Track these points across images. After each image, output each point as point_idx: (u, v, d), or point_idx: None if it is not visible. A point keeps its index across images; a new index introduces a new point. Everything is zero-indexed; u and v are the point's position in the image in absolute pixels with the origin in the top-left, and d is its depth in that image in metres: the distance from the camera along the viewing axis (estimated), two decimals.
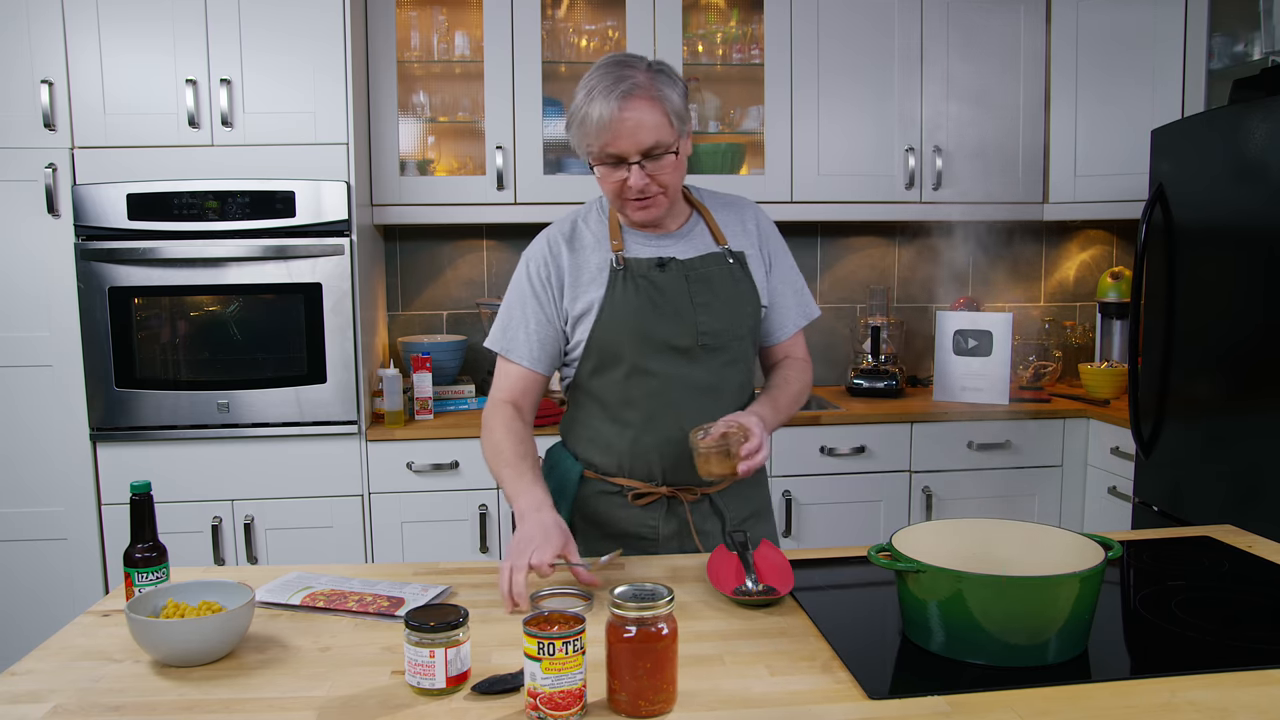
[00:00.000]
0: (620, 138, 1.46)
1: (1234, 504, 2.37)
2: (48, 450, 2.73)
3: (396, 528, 2.84)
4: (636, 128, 1.45)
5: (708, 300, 1.59)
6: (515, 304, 1.63)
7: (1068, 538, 1.29)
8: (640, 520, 1.64)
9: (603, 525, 1.66)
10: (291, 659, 1.20)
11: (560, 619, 1.03)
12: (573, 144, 1.53)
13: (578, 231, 1.64)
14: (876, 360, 3.33)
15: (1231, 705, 1.04)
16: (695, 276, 1.59)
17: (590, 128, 1.46)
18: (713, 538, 1.66)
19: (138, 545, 1.32)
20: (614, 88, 1.43)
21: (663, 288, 1.58)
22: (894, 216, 3.26)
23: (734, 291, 1.62)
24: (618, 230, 1.61)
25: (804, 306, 1.75)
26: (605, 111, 1.44)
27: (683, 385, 1.59)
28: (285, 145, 2.73)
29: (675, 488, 1.63)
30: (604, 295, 1.58)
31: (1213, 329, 2.47)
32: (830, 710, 1.05)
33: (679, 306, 1.58)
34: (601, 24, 3.22)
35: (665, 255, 1.60)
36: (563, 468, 1.69)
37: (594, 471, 1.66)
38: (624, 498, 1.64)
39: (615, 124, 1.44)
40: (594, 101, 1.45)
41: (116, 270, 2.68)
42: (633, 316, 1.57)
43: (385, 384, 2.88)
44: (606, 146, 1.47)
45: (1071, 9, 3.20)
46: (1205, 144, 2.48)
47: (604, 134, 1.45)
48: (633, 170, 1.48)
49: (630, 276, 1.57)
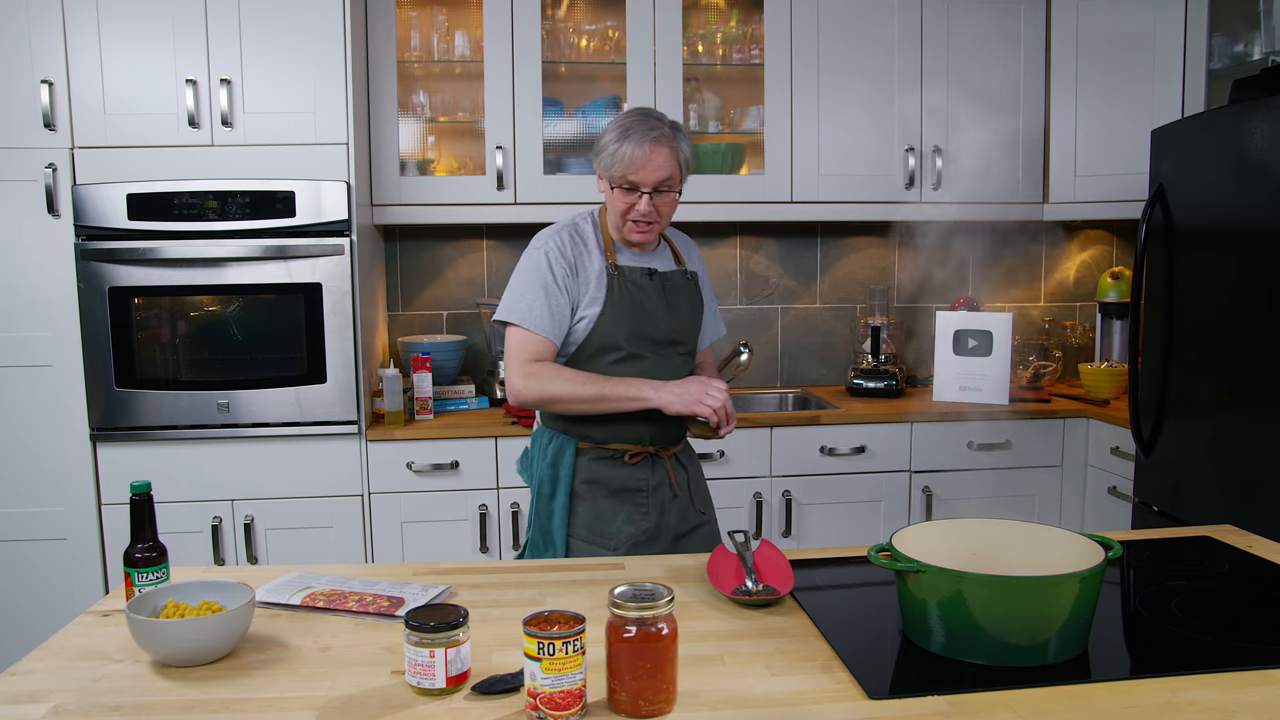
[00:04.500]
0: (642, 171, 1.82)
1: (1234, 504, 2.37)
2: (48, 450, 2.73)
3: (396, 528, 2.84)
4: (657, 166, 1.82)
5: (677, 305, 1.97)
6: (535, 286, 1.87)
7: (1068, 538, 1.29)
8: (633, 475, 1.93)
9: (602, 484, 1.92)
10: (291, 659, 1.20)
11: (560, 619, 1.04)
12: (600, 168, 1.87)
13: (583, 235, 1.94)
14: (876, 360, 3.33)
15: (1231, 705, 1.04)
16: (670, 286, 1.97)
17: (622, 159, 1.82)
18: (684, 485, 2.01)
19: (138, 545, 1.32)
20: (647, 134, 1.81)
21: (649, 293, 1.93)
22: (894, 216, 3.25)
23: (691, 300, 2.01)
24: (611, 244, 1.95)
25: (717, 326, 2.17)
26: (638, 151, 1.81)
27: (660, 368, 1.93)
28: (285, 145, 2.73)
29: (658, 447, 1.95)
30: (605, 295, 1.89)
31: (1213, 329, 2.47)
32: (830, 710, 1.05)
33: (659, 309, 1.93)
34: (601, 24, 3.22)
35: (649, 267, 1.96)
36: (556, 444, 1.93)
37: (588, 442, 1.92)
38: (618, 460, 1.92)
39: (642, 161, 1.81)
40: (628, 141, 1.81)
41: (116, 270, 2.68)
42: (628, 314, 1.90)
43: (385, 384, 2.88)
44: (629, 176, 1.82)
45: (1071, 9, 3.19)
46: (1205, 144, 2.48)
47: (631, 167, 1.82)
48: (643, 199, 1.84)
49: (625, 281, 1.91)
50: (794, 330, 3.58)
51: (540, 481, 1.95)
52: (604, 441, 1.93)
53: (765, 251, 3.53)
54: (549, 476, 1.92)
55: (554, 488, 1.92)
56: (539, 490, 1.95)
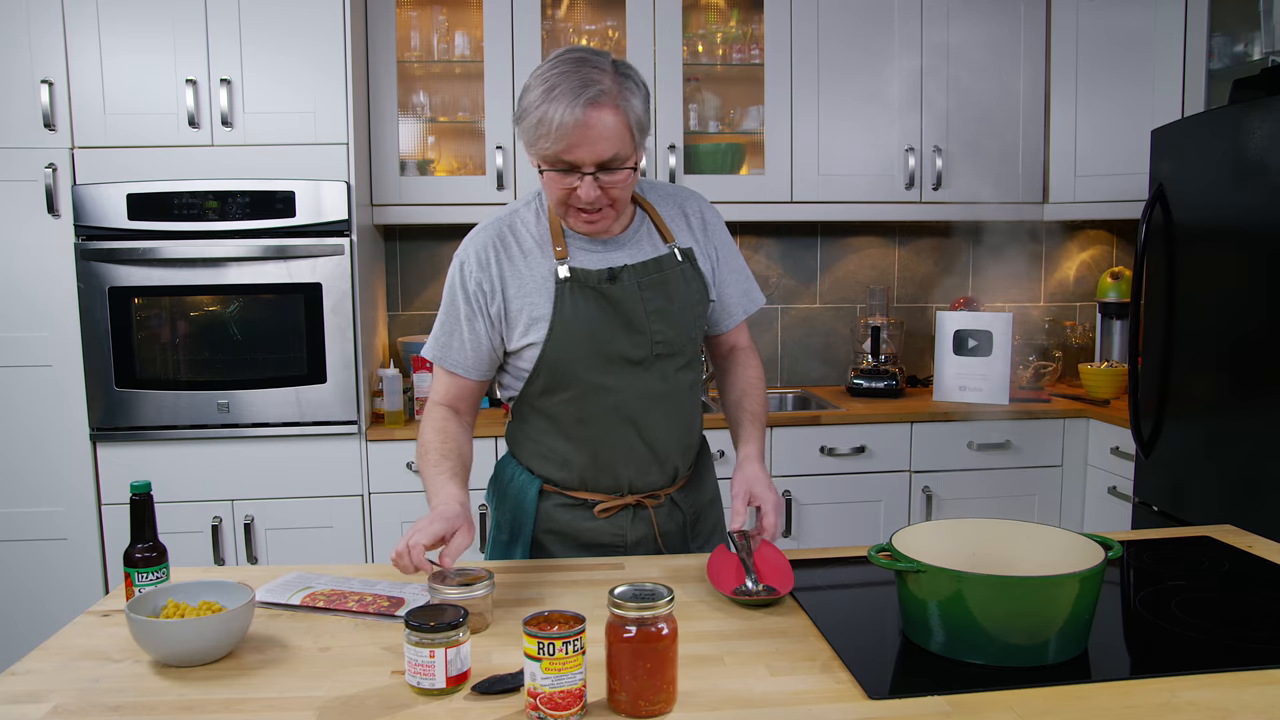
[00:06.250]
0: (578, 146, 1.35)
1: (1234, 504, 2.37)
2: (48, 450, 2.73)
3: (396, 528, 2.84)
4: (597, 138, 1.35)
5: (661, 306, 1.52)
6: (449, 312, 1.54)
7: (1068, 538, 1.29)
8: (606, 530, 1.59)
9: (569, 537, 1.60)
10: (291, 659, 1.20)
11: (560, 619, 1.04)
12: (522, 140, 1.41)
13: (516, 236, 1.53)
14: (876, 360, 3.33)
15: (1231, 705, 1.04)
16: (648, 283, 1.51)
17: (548, 130, 1.35)
18: (673, 537, 1.64)
19: (138, 545, 1.32)
20: (580, 92, 1.33)
21: (615, 299, 1.49)
22: (894, 216, 3.26)
23: (685, 293, 1.55)
24: (560, 235, 1.50)
25: (749, 295, 1.68)
26: (567, 116, 1.33)
27: (638, 395, 1.53)
28: (285, 145, 2.73)
29: (640, 495, 1.59)
30: (551, 313, 1.48)
31: (1213, 329, 2.47)
32: (830, 710, 1.05)
33: (632, 318, 1.50)
34: (601, 24, 3.22)
35: (614, 264, 1.51)
36: (518, 484, 1.61)
37: (553, 485, 1.59)
38: (588, 509, 1.58)
39: (576, 131, 1.34)
40: (555, 102, 1.33)
41: (116, 270, 2.68)
42: (584, 332, 1.48)
43: (385, 384, 2.88)
44: (562, 153, 1.36)
45: (1071, 9, 3.19)
46: (1205, 144, 2.48)
47: (562, 140, 1.35)
48: (585, 181, 1.39)
49: (578, 288, 1.48)
50: (794, 330, 3.58)
51: (497, 525, 1.65)
52: (569, 487, 1.58)
53: (765, 251, 3.53)
54: (507, 521, 1.62)
55: (512, 534, 1.62)
56: (495, 535, 1.65)
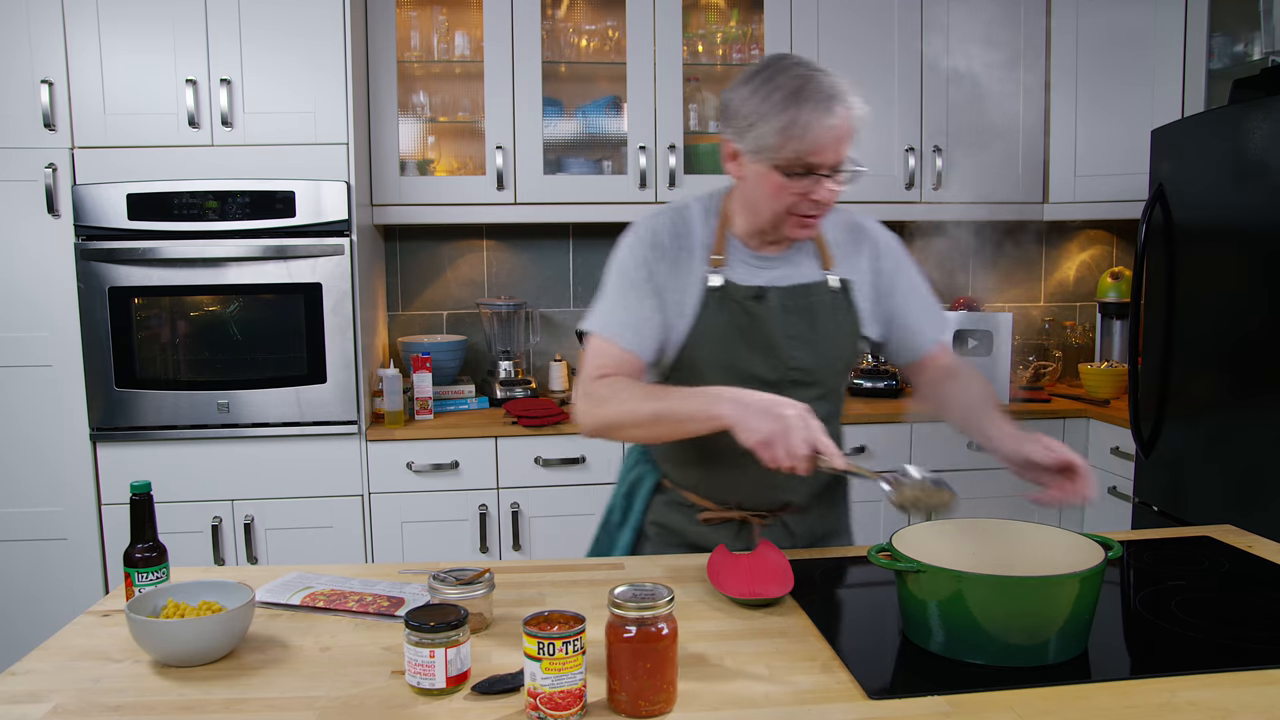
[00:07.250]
0: (827, 148, 1.34)
1: (1234, 504, 2.37)
2: (48, 450, 2.73)
3: (396, 528, 2.84)
4: (843, 140, 1.35)
5: (802, 333, 1.50)
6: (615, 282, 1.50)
7: (1068, 538, 1.29)
8: (709, 538, 1.57)
9: (673, 534, 1.60)
10: (291, 659, 1.20)
11: (560, 619, 1.03)
12: (747, 146, 1.39)
13: (688, 230, 1.51)
14: (876, 360, 3.33)
15: (1231, 705, 1.04)
16: (793, 307, 1.49)
17: (801, 133, 1.32)
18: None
19: (138, 545, 1.32)
20: (831, 95, 1.33)
21: (757, 317, 1.48)
22: (894, 216, 3.25)
23: (832, 323, 1.52)
24: (723, 243, 1.49)
25: (929, 327, 1.62)
26: (824, 122, 1.32)
27: None
28: (285, 145, 2.73)
29: (748, 512, 1.58)
30: (694, 318, 1.48)
31: (1213, 329, 2.47)
32: (830, 710, 1.05)
33: (770, 338, 1.49)
34: (601, 24, 3.22)
35: (767, 282, 1.50)
36: (640, 469, 1.63)
37: (670, 481, 1.60)
38: (694, 512, 1.59)
39: (828, 133, 1.33)
40: (804, 107, 1.32)
41: (116, 270, 2.68)
42: (720, 346, 1.48)
43: (385, 384, 2.88)
44: (808, 154, 1.34)
45: (1071, 9, 3.19)
46: (1205, 144, 2.48)
47: (814, 144, 1.33)
48: (823, 184, 1.37)
49: (725, 300, 1.48)
50: None
51: (611, 508, 1.67)
52: (683, 486, 1.57)
53: None
54: (621, 505, 1.65)
55: (623, 519, 1.63)
56: (608, 516, 1.68)
